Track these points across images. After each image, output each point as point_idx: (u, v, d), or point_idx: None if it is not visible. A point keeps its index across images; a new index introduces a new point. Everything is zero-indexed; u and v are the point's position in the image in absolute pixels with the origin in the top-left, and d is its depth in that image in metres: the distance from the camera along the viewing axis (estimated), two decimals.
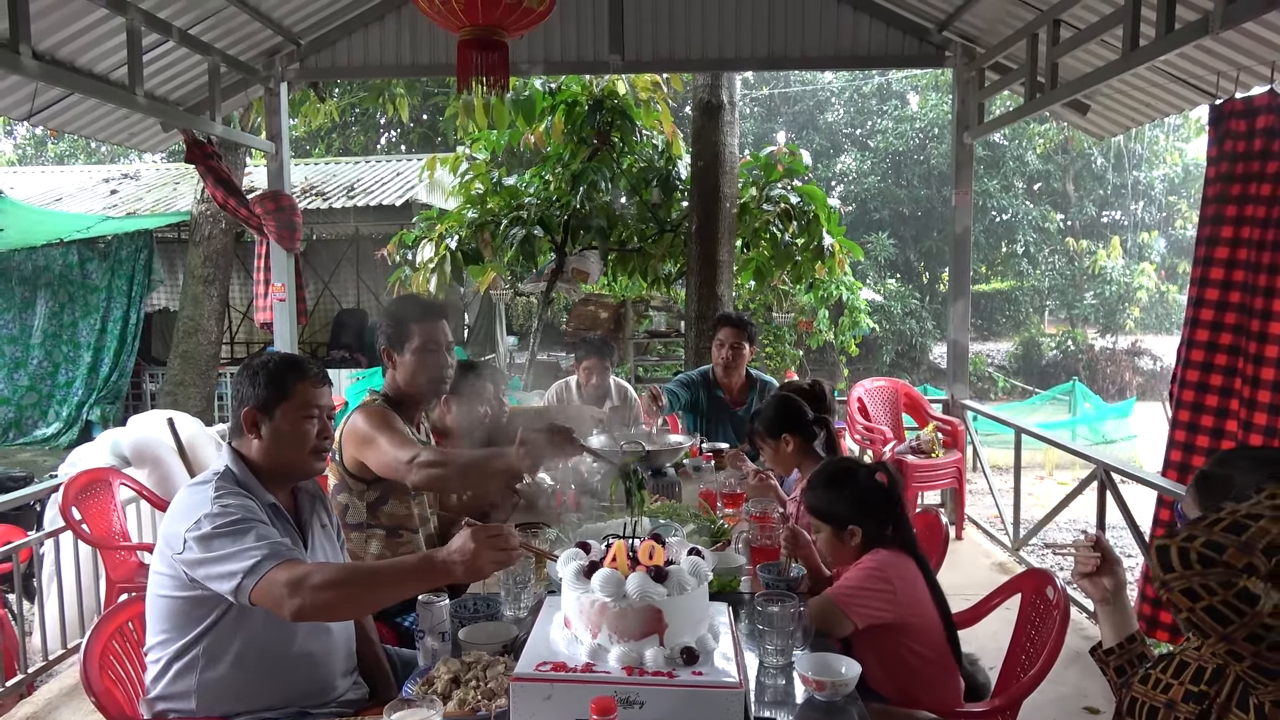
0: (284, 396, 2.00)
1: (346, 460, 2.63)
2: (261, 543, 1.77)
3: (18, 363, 10.61)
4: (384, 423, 2.54)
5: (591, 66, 5.96)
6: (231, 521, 1.81)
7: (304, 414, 2.02)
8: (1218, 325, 3.63)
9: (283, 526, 2.00)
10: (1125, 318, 18.62)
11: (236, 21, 5.17)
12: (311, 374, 2.06)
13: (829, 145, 21.80)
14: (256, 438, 2.01)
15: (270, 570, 1.73)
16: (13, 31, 3.73)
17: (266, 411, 2.00)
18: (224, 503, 1.85)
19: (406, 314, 2.73)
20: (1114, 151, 19.16)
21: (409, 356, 2.67)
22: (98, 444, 4.78)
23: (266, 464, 2.02)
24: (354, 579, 1.76)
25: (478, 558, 1.74)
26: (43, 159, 21.19)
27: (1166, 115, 5.15)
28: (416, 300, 2.92)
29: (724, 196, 6.71)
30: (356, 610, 1.83)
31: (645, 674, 1.57)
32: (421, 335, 2.68)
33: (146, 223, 10.43)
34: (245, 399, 2.01)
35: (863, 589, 2.17)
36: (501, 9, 3.09)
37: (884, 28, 5.63)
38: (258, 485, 2.00)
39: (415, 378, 2.69)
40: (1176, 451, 3.81)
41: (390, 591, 1.82)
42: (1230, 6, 3.11)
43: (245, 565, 1.74)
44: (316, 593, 1.70)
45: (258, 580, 1.73)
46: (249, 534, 1.79)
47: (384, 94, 10.54)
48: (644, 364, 12.96)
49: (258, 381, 2.01)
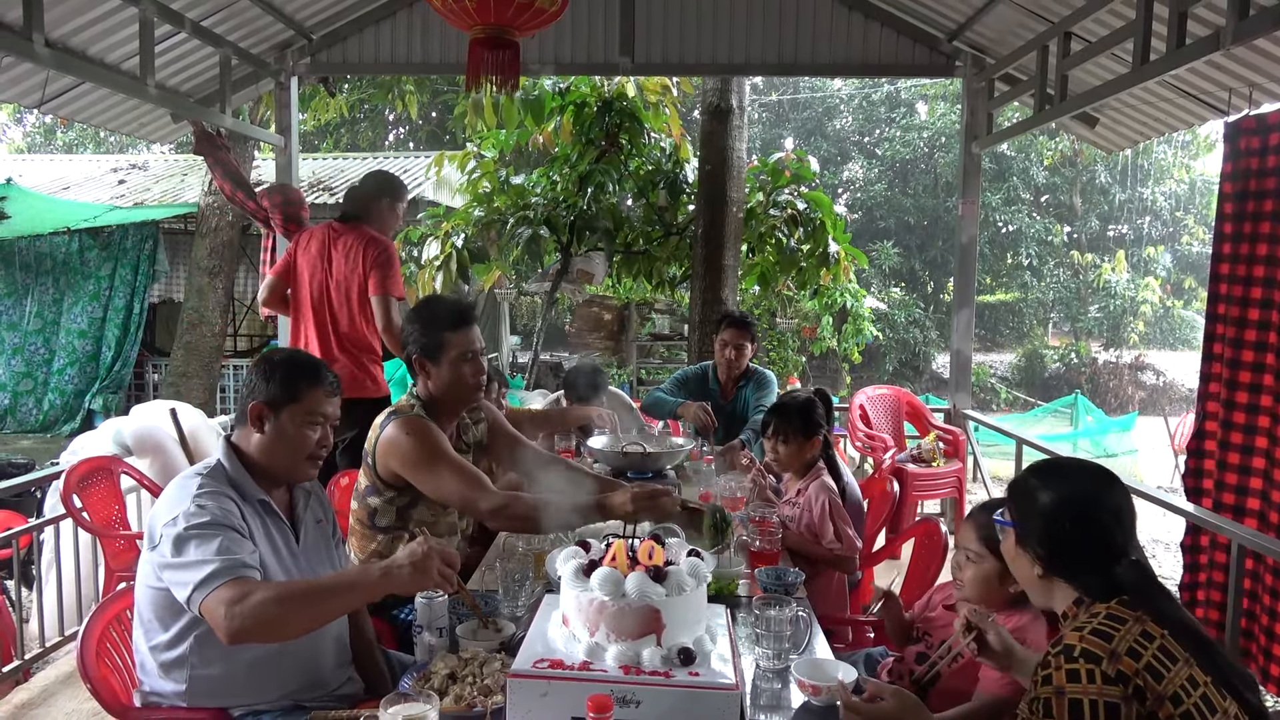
0: (293, 399, 1.99)
1: (380, 468, 2.56)
2: (219, 557, 1.74)
3: (15, 349, 10.63)
4: (439, 449, 2.47)
5: (601, 68, 5.97)
6: (201, 525, 1.79)
7: (309, 420, 2.01)
8: (1239, 343, 3.62)
9: (273, 523, 1.99)
10: (1129, 332, 18.62)
11: (249, 14, 5.19)
12: (326, 382, 2.04)
13: (837, 152, 21.83)
14: (258, 432, 1.99)
15: (217, 588, 1.70)
16: (26, 19, 3.74)
17: (273, 409, 1.99)
18: (201, 503, 1.83)
19: (439, 322, 2.61)
20: (1120, 166, 19.16)
21: (445, 367, 2.59)
22: (100, 432, 4.79)
23: (262, 461, 2.01)
24: (292, 595, 1.72)
25: (428, 559, 1.75)
26: (52, 147, 21.25)
27: (1176, 130, 5.14)
28: (447, 305, 2.69)
29: (731, 201, 6.71)
30: (300, 627, 1.74)
31: (642, 673, 1.57)
32: (458, 344, 2.59)
33: (153, 213, 10.45)
34: (256, 391, 2.00)
35: None
36: (514, 8, 3.10)
37: (894, 36, 5.64)
38: (249, 481, 1.98)
39: (454, 388, 2.61)
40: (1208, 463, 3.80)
41: (334, 603, 1.78)
42: (1242, 22, 3.11)
43: (197, 577, 1.72)
44: (254, 612, 1.66)
45: (205, 595, 1.71)
46: (213, 542, 1.76)
47: (393, 90, 10.57)
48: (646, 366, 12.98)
49: (272, 378, 1.99)
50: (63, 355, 10.54)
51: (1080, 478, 1.70)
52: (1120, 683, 1.41)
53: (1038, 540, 1.65)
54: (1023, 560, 1.70)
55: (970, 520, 2.20)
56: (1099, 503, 1.64)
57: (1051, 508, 1.64)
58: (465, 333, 2.61)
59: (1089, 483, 1.68)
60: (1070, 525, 1.62)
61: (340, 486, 3.50)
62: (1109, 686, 1.41)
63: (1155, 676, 1.43)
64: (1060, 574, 1.64)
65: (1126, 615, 1.52)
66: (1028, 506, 1.68)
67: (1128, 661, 1.43)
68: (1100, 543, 1.61)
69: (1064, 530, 1.63)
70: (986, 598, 2.11)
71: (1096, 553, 1.61)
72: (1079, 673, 1.43)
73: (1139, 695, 1.41)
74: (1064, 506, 1.64)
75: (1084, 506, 1.64)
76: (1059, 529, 1.63)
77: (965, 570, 2.16)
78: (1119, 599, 1.55)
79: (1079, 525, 1.62)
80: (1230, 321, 3.62)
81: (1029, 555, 1.67)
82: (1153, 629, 1.49)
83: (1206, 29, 3.45)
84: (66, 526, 4.01)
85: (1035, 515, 1.66)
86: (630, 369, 12.78)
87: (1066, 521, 1.63)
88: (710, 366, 4.60)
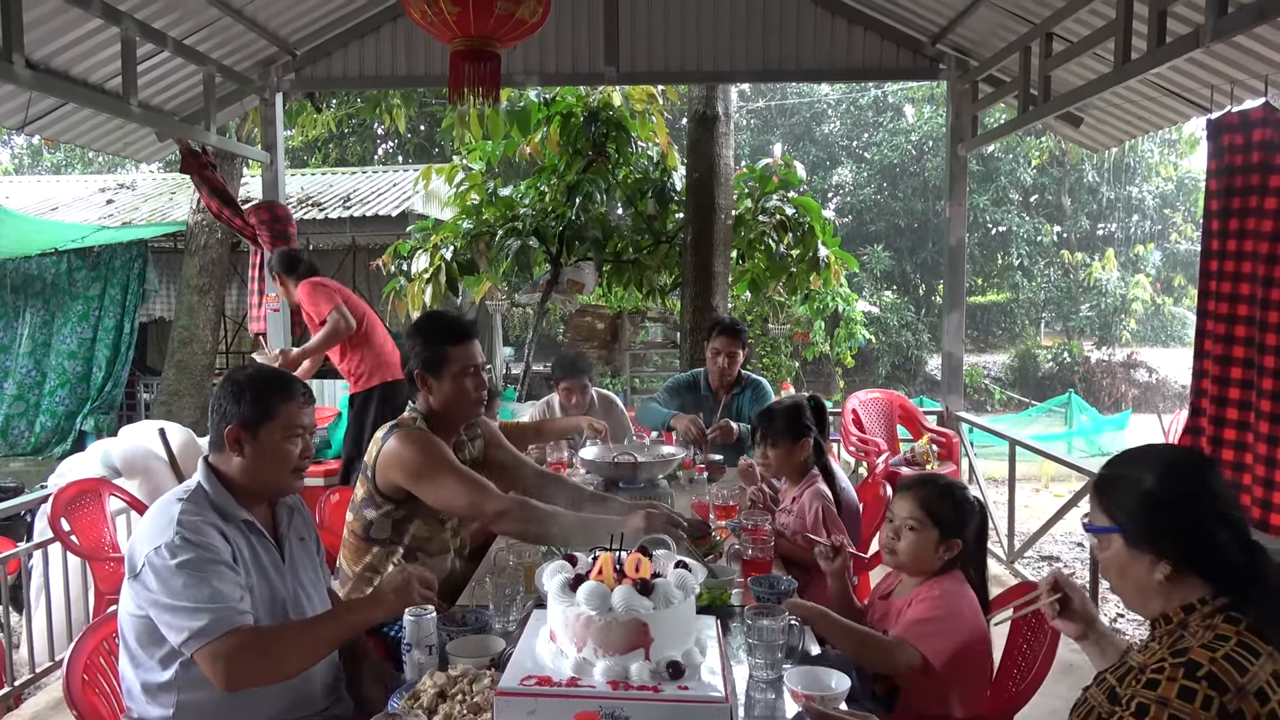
0: (268, 416, 1.95)
1: (380, 480, 2.55)
2: (212, 606, 1.74)
3: (6, 372, 10.58)
4: (443, 458, 2.47)
5: (587, 78, 5.98)
6: (187, 562, 1.77)
7: (288, 434, 1.97)
8: (1229, 339, 3.62)
9: (258, 542, 1.97)
10: (1121, 330, 18.69)
11: (232, 32, 5.18)
12: (298, 393, 2.01)
13: (825, 157, 21.90)
14: (238, 455, 1.96)
15: (212, 641, 1.73)
16: (6, 41, 3.73)
17: (250, 430, 1.94)
18: (184, 535, 1.80)
19: (441, 337, 2.63)
20: (1108, 165, 19.25)
21: (447, 382, 2.60)
22: (88, 454, 4.76)
23: (245, 482, 1.98)
24: (286, 640, 1.80)
25: (408, 584, 1.87)
26: (39, 169, 21.22)
27: (1160, 128, 5.16)
28: (448, 320, 2.73)
29: (719, 208, 6.72)
30: (295, 668, 1.82)
31: (630, 688, 1.56)
32: (460, 360, 2.60)
33: (142, 232, 10.43)
34: (228, 415, 1.95)
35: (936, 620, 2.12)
36: (494, 20, 3.09)
37: (878, 40, 5.65)
38: (232, 503, 1.95)
39: (456, 402, 2.62)
40: None
41: (327, 640, 1.88)
42: (1221, 20, 3.12)
43: (191, 626, 1.73)
44: (251, 665, 1.74)
45: (199, 646, 1.73)
46: (204, 587, 1.76)
47: (381, 104, 10.56)
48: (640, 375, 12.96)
49: (242, 399, 1.95)
50: (53, 377, 10.49)
51: (1175, 453, 1.57)
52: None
53: (1161, 535, 1.45)
54: (1137, 565, 1.49)
55: (910, 491, 2.29)
56: (1209, 474, 1.49)
57: (1162, 490, 1.46)
58: (466, 347, 2.63)
59: (1188, 456, 1.53)
60: (1191, 503, 1.45)
61: (331, 504, 3.49)
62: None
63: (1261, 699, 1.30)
64: (1190, 565, 1.44)
65: (1260, 648, 1.36)
66: (1131, 500, 1.49)
67: (1252, 703, 1.29)
68: (1231, 524, 1.44)
69: (1185, 511, 1.45)
70: (920, 564, 2.24)
71: (1231, 536, 1.43)
72: (1196, 694, 1.30)
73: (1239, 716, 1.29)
74: (1176, 483, 1.46)
75: (1197, 480, 1.47)
76: (1186, 515, 1.45)
77: (903, 539, 2.25)
78: (1247, 623, 1.40)
79: (1199, 501, 1.45)
80: (1220, 318, 3.62)
81: (1148, 557, 1.47)
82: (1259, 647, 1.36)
83: (1186, 27, 3.46)
84: (55, 550, 3.98)
85: (1144, 505, 1.47)
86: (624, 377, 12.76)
87: (1186, 500, 1.45)
88: (702, 373, 4.59)
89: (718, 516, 3.09)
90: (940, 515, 2.24)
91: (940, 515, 2.24)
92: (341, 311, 4.90)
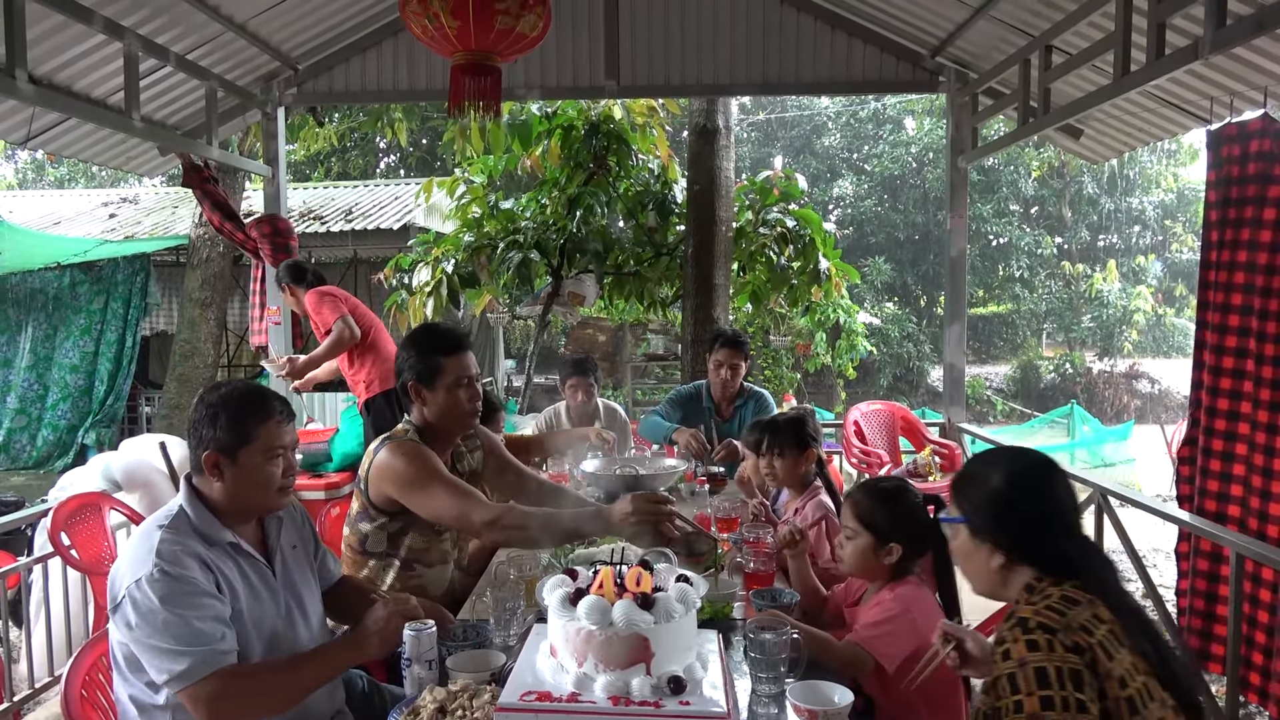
0: (246, 440, 1.88)
1: (373, 493, 2.54)
2: (192, 649, 1.72)
3: (9, 386, 10.59)
4: (432, 469, 2.46)
5: (587, 91, 6.00)
6: (166, 599, 1.74)
7: (269, 456, 1.91)
8: (1220, 349, 3.63)
9: (246, 562, 1.94)
10: (1123, 341, 18.66)
11: (234, 47, 5.20)
12: (275, 412, 1.94)
13: (826, 169, 21.94)
14: (218, 480, 1.89)
15: (194, 683, 1.72)
16: (9, 56, 3.75)
17: (228, 455, 1.88)
18: (163, 566, 1.76)
19: (435, 348, 2.62)
20: (1109, 176, 19.28)
21: (441, 393, 2.59)
22: (89, 468, 4.75)
23: (229, 506, 1.93)
24: (269, 686, 1.79)
25: (390, 621, 1.88)
26: (43, 183, 21.29)
27: (1160, 139, 5.17)
28: (442, 331, 2.72)
29: (720, 220, 6.73)
30: (277, 709, 1.81)
31: (631, 704, 1.55)
32: (454, 371, 2.59)
33: (144, 246, 10.45)
34: (205, 441, 1.88)
35: (886, 623, 2.15)
36: (494, 35, 3.10)
37: (878, 53, 5.67)
38: (215, 526, 1.90)
39: (450, 414, 2.61)
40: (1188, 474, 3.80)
41: (308, 684, 1.86)
42: (1219, 32, 3.13)
43: (172, 669, 1.72)
44: (232, 711, 1.74)
45: (181, 687, 1.73)
46: (184, 626, 1.73)
47: (382, 118, 10.61)
48: (642, 387, 12.98)
49: (218, 423, 1.88)
50: (55, 390, 10.49)
51: (1023, 458, 1.75)
52: (1078, 653, 1.44)
53: (995, 526, 1.67)
54: (979, 554, 1.69)
55: (848, 499, 2.37)
56: (1050, 479, 1.68)
57: (1005, 490, 1.66)
58: (460, 358, 2.62)
59: (1033, 462, 1.72)
60: (1027, 503, 1.65)
61: (331, 517, 3.48)
62: (1070, 655, 1.44)
63: (1106, 655, 1.46)
64: (1022, 556, 1.64)
65: (1080, 598, 1.55)
66: (978, 496, 1.69)
67: (1082, 635, 1.47)
68: (1057, 517, 1.64)
69: (1021, 510, 1.65)
70: (866, 570, 2.32)
71: (1055, 528, 1.63)
72: (1038, 643, 1.46)
73: (1092, 669, 1.44)
74: (1018, 486, 1.67)
75: (1037, 484, 1.67)
76: (1016, 510, 1.65)
77: (845, 547, 2.32)
78: (1072, 583, 1.58)
79: (1036, 502, 1.65)
80: (1214, 329, 3.63)
81: (986, 546, 1.67)
82: (1103, 613, 1.53)
83: (1185, 39, 3.47)
84: (55, 564, 3.96)
85: (988, 502, 1.68)
86: (626, 389, 12.77)
87: (1023, 501, 1.65)
88: (704, 385, 4.58)
89: (719, 529, 3.08)
90: (872, 522, 2.29)
91: (872, 522, 2.29)
92: (346, 321, 4.98)
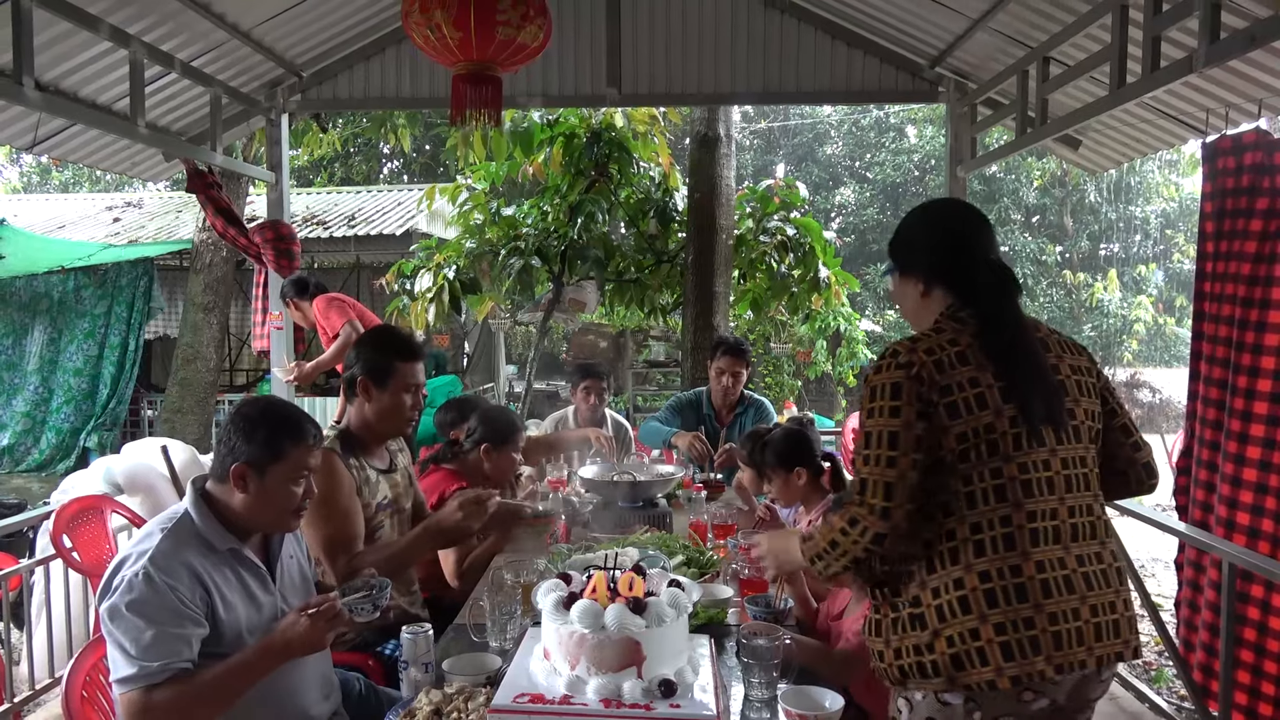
0: (278, 458, 1.94)
1: None
2: (140, 661, 1.74)
3: (15, 389, 10.62)
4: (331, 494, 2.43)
5: (589, 100, 6.03)
6: (134, 604, 1.76)
7: (294, 478, 1.97)
8: (1211, 359, 3.66)
9: (245, 569, 1.97)
10: (1124, 350, 18.64)
11: (239, 54, 5.24)
12: (309, 435, 1.99)
13: (828, 177, 21.98)
14: (241, 492, 1.94)
15: (131, 691, 1.75)
16: (16, 63, 3.78)
17: (256, 469, 1.93)
18: (149, 571, 1.79)
19: (392, 349, 2.68)
20: (1110, 185, 19.29)
21: (388, 395, 2.64)
22: (91, 471, 4.78)
23: (244, 519, 1.96)
24: (198, 696, 1.78)
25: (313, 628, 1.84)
26: (48, 187, 21.36)
27: (1157, 150, 5.20)
28: (401, 336, 2.81)
29: (720, 228, 6.76)
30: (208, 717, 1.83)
31: (623, 706, 1.57)
32: (405, 375, 2.65)
33: (148, 250, 10.50)
34: (237, 452, 1.92)
35: None
36: (495, 45, 3.14)
37: (877, 63, 5.70)
38: (219, 532, 1.93)
39: (391, 416, 2.67)
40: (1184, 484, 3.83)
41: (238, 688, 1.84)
42: (1213, 45, 3.15)
43: (119, 671, 1.76)
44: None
45: (120, 690, 1.76)
46: (143, 634, 1.75)
47: (386, 125, 10.64)
48: (643, 393, 12.99)
49: (254, 437, 1.93)
50: (60, 394, 10.52)
51: (942, 202, 2.03)
52: (906, 368, 1.68)
53: (917, 257, 1.88)
54: (907, 291, 1.90)
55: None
56: (964, 212, 1.93)
57: (923, 224, 1.92)
58: (414, 365, 2.70)
59: (947, 200, 2.04)
60: (941, 231, 1.87)
61: None
62: (898, 370, 1.68)
63: (938, 368, 1.67)
64: (939, 279, 1.83)
65: (947, 326, 1.76)
66: (903, 237, 1.93)
67: (921, 355, 1.69)
68: (970, 242, 1.83)
69: (937, 237, 1.86)
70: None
71: (967, 252, 1.81)
72: (881, 366, 1.72)
73: (918, 379, 1.66)
74: (933, 218, 1.93)
75: (949, 217, 1.92)
76: (932, 237, 1.87)
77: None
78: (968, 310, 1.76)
79: (948, 229, 1.87)
80: (1209, 339, 3.66)
81: (911, 281, 1.88)
82: (963, 340, 1.72)
83: (1181, 51, 3.50)
84: (57, 567, 3.99)
85: (910, 240, 1.91)
86: (626, 396, 12.79)
87: (938, 229, 1.88)
88: (704, 392, 4.60)
89: (716, 535, 3.10)
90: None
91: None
92: (354, 325, 5.16)
